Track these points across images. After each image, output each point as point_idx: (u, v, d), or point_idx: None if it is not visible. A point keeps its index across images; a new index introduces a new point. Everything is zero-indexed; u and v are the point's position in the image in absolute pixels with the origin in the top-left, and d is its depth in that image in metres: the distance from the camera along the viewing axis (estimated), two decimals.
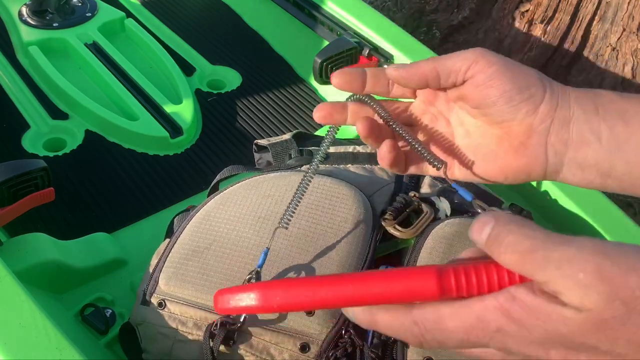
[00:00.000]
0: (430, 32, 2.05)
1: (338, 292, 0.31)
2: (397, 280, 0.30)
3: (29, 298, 0.61)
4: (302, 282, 0.31)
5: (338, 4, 1.19)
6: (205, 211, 0.68)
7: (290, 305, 0.32)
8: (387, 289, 0.30)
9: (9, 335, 0.57)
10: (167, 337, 0.62)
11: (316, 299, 0.31)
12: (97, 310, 0.76)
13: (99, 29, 1.32)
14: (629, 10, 1.66)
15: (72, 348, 0.57)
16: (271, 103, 1.25)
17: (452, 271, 0.29)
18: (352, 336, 0.58)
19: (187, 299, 0.62)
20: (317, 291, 0.31)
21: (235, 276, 0.62)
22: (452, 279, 0.29)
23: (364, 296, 0.30)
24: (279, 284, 0.32)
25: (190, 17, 1.46)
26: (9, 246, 0.75)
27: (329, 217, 0.65)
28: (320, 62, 1.06)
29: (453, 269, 0.30)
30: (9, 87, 1.20)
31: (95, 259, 0.84)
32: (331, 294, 0.31)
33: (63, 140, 1.12)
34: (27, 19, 1.32)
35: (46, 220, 0.97)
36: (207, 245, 0.64)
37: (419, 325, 0.30)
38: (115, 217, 0.99)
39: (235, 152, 1.14)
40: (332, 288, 0.31)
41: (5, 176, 0.75)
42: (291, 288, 0.31)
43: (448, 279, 0.29)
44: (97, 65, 1.22)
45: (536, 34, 1.84)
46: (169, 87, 1.25)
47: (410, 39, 1.11)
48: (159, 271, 0.64)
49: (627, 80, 1.74)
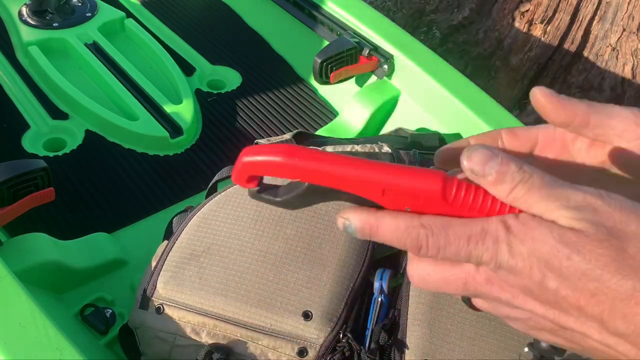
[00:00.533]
0: (430, 32, 2.05)
1: (354, 168, 0.32)
2: (407, 171, 0.32)
3: (29, 298, 0.61)
4: (326, 155, 0.33)
5: (338, 4, 1.19)
6: (203, 213, 0.68)
7: (308, 171, 0.32)
8: (398, 173, 0.32)
9: (9, 335, 0.58)
10: (165, 342, 0.62)
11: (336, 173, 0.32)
12: (97, 310, 0.76)
13: (99, 29, 1.32)
14: (629, 11, 1.66)
15: (72, 348, 0.57)
16: (271, 103, 1.25)
17: (457, 179, 0.32)
18: (350, 340, 0.59)
19: (186, 303, 0.62)
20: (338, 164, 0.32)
21: (232, 280, 0.62)
22: (455, 183, 0.32)
23: (375, 176, 0.32)
24: (304, 149, 0.33)
25: (190, 17, 1.46)
26: (9, 246, 0.75)
27: (326, 218, 0.65)
28: (320, 62, 1.06)
29: (458, 179, 0.32)
30: (9, 87, 1.20)
31: (95, 259, 0.85)
32: (351, 170, 0.32)
33: (63, 140, 1.12)
34: (27, 19, 1.32)
35: (46, 220, 0.97)
36: (205, 249, 0.64)
37: (425, 227, 0.31)
38: (115, 217, 0.99)
39: (235, 152, 1.13)
40: (351, 164, 0.32)
41: (5, 176, 0.75)
42: (315, 156, 0.32)
43: (452, 181, 0.32)
44: (97, 65, 1.23)
45: (536, 34, 1.84)
46: (169, 87, 1.25)
47: (410, 39, 1.11)
48: (157, 275, 0.64)
49: (627, 81, 1.74)
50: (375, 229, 0.33)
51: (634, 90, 1.75)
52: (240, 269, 0.62)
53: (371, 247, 0.65)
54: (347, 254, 0.63)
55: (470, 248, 0.31)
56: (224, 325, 0.60)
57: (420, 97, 1.07)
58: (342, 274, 0.62)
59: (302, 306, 0.60)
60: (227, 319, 0.60)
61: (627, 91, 1.76)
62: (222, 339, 0.60)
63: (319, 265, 0.62)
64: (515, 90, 1.88)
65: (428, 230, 0.31)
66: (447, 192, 0.32)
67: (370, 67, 1.11)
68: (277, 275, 0.62)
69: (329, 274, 0.62)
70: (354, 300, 0.62)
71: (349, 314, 0.61)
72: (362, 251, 0.64)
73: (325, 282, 0.61)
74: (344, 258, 0.63)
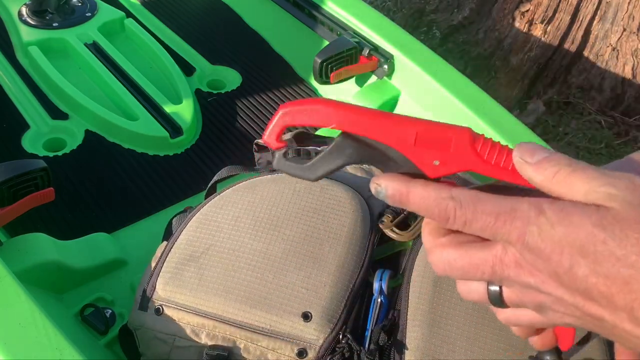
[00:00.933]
0: (430, 32, 2.05)
1: (389, 115, 0.33)
2: (438, 122, 0.33)
3: (29, 298, 0.61)
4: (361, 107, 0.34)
5: (338, 4, 1.19)
6: (202, 214, 0.68)
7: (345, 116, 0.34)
8: (428, 126, 0.33)
9: (9, 335, 0.58)
10: (165, 343, 0.62)
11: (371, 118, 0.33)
12: (97, 310, 0.76)
13: (98, 29, 1.32)
14: (629, 11, 1.66)
15: (72, 348, 0.57)
16: (271, 103, 1.25)
17: (483, 136, 0.33)
18: (350, 341, 0.59)
19: (185, 304, 0.62)
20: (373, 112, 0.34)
21: (231, 281, 0.62)
22: (482, 136, 0.33)
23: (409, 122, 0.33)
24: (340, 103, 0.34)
25: (190, 17, 1.46)
26: (9, 246, 0.75)
27: (325, 219, 0.65)
28: (320, 62, 1.06)
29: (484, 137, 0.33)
30: (9, 87, 1.20)
31: (95, 259, 0.85)
32: (386, 116, 0.33)
33: (63, 140, 1.12)
34: (27, 19, 1.32)
35: (46, 220, 0.97)
36: (204, 250, 0.64)
37: (454, 199, 0.32)
38: (115, 217, 0.99)
39: (235, 152, 1.15)
40: (386, 113, 0.34)
41: (5, 176, 0.75)
42: (351, 105, 0.34)
43: (480, 135, 0.33)
44: (97, 65, 1.23)
45: (536, 34, 1.84)
46: (169, 87, 1.25)
47: (410, 39, 1.11)
48: (156, 276, 0.64)
49: (627, 81, 1.74)
50: (405, 197, 0.33)
51: (634, 90, 1.75)
52: (240, 269, 0.62)
53: (371, 248, 0.65)
54: (347, 255, 0.63)
55: (497, 225, 0.30)
56: (223, 327, 0.60)
57: (420, 97, 1.07)
58: (341, 275, 0.62)
59: (302, 307, 0.60)
60: (227, 320, 0.60)
61: (627, 91, 1.76)
62: (221, 340, 0.60)
63: (319, 266, 0.62)
64: (515, 90, 1.88)
65: (457, 202, 0.31)
66: (476, 141, 0.32)
67: (370, 67, 1.11)
68: (276, 276, 0.62)
69: (328, 275, 0.62)
70: (354, 301, 0.62)
71: (348, 314, 0.61)
72: (362, 252, 0.64)
73: (325, 283, 0.61)
74: (343, 259, 0.63)
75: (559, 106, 1.86)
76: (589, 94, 1.83)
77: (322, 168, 0.35)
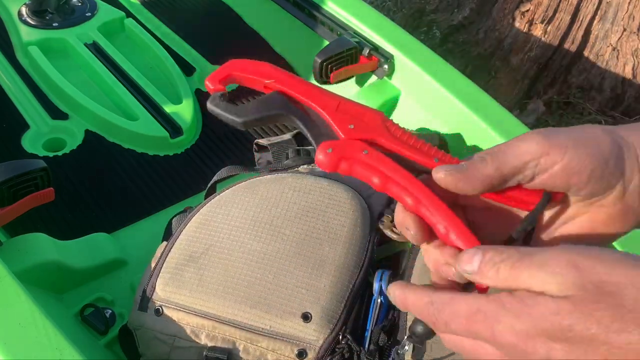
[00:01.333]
0: (430, 32, 2.05)
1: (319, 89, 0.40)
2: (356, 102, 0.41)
3: (29, 298, 0.61)
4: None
5: (338, 4, 1.19)
6: (202, 215, 0.68)
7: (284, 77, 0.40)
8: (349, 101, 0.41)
9: (9, 335, 0.58)
10: (164, 343, 0.62)
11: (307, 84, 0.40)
12: (97, 310, 0.76)
13: (98, 29, 1.32)
14: (630, 10, 1.66)
15: (72, 348, 0.57)
16: None
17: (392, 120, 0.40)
18: (349, 342, 0.59)
19: (185, 304, 0.62)
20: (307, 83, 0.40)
21: (231, 281, 0.62)
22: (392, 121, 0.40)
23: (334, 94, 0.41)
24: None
25: (190, 17, 1.46)
26: (9, 246, 0.75)
27: (325, 219, 0.65)
28: (320, 62, 1.06)
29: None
30: (9, 87, 1.20)
31: (95, 259, 0.85)
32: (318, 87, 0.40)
33: (63, 140, 1.12)
34: (27, 18, 1.32)
35: (46, 220, 0.97)
36: (204, 250, 0.64)
37: (433, 305, 0.34)
38: (115, 217, 0.99)
39: (235, 152, 1.15)
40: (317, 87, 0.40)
41: (5, 176, 0.75)
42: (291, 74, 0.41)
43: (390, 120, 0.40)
44: (97, 65, 1.23)
45: (536, 34, 1.84)
46: (169, 87, 1.25)
47: (410, 39, 1.11)
48: (156, 276, 0.64)
49: (627, 81, 1.74)
50: (405, 304, 0.36)
51: (634, 90, 1.74)
52: (239, 270, 0.62)
53: (370, 248, 0.65)
54: (347, 255, 0.63)
55: (469, 327, 0.32)
56: (223, 327, 0.60)
57: (420, 97, 1.06)
58: (341, 275, 0.62)
59: (302, 307, 0.60)
60: (226, 321, 0.60)
61: (627, 91, 1.76)
62: (221, 340, 0.60)
63: (318, 267, 0.62)
64: (516, 90, 1.88)
65: (435, 307, 0.33)
66: (386, 120, 0.39)
67: (370, 67, 1.10)
68: (276, 277, 0.62)
69: (328, 275, 0.62)
70: (354, 301, 0.62)
71: (348, 315, 0.61)
72: (362, 252, 0.64)
73: (325, 283, 0.61)
74: (343, 259, 0.63)
75: (559, 106, 1.86)
76: (589, 94, 1.83)
77: (252, 114, 0.39)
